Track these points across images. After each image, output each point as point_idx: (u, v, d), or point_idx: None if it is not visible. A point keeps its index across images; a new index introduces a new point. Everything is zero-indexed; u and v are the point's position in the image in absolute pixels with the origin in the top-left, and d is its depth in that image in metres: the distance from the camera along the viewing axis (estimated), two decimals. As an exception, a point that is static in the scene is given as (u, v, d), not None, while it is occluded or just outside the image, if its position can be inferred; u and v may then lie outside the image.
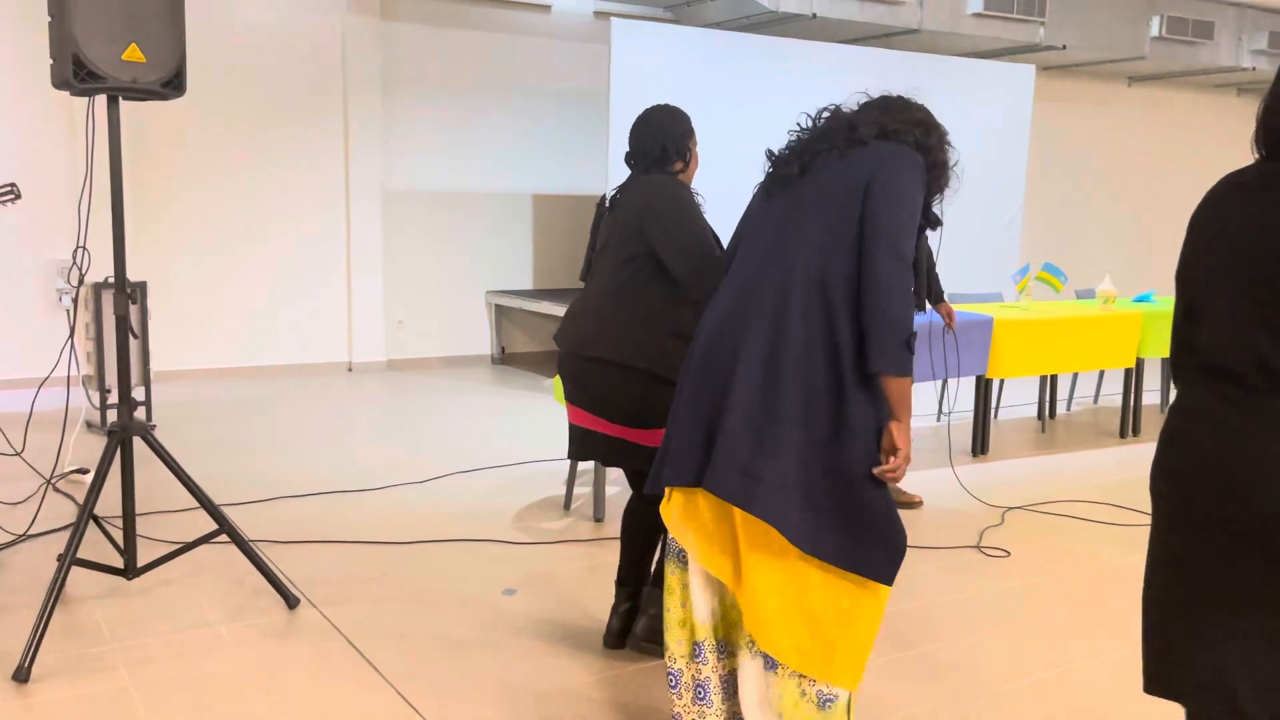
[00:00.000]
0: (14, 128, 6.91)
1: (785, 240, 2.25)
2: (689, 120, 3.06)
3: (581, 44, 8.89)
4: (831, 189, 2.22)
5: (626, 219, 2.93)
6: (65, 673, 2.91)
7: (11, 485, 4.77)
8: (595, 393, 2.93)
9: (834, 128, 2.32)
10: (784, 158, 2.36)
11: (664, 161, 3.00)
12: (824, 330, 2.15)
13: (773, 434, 2.15)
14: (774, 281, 2.22)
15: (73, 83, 2.92)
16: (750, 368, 2.18)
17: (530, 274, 8.99)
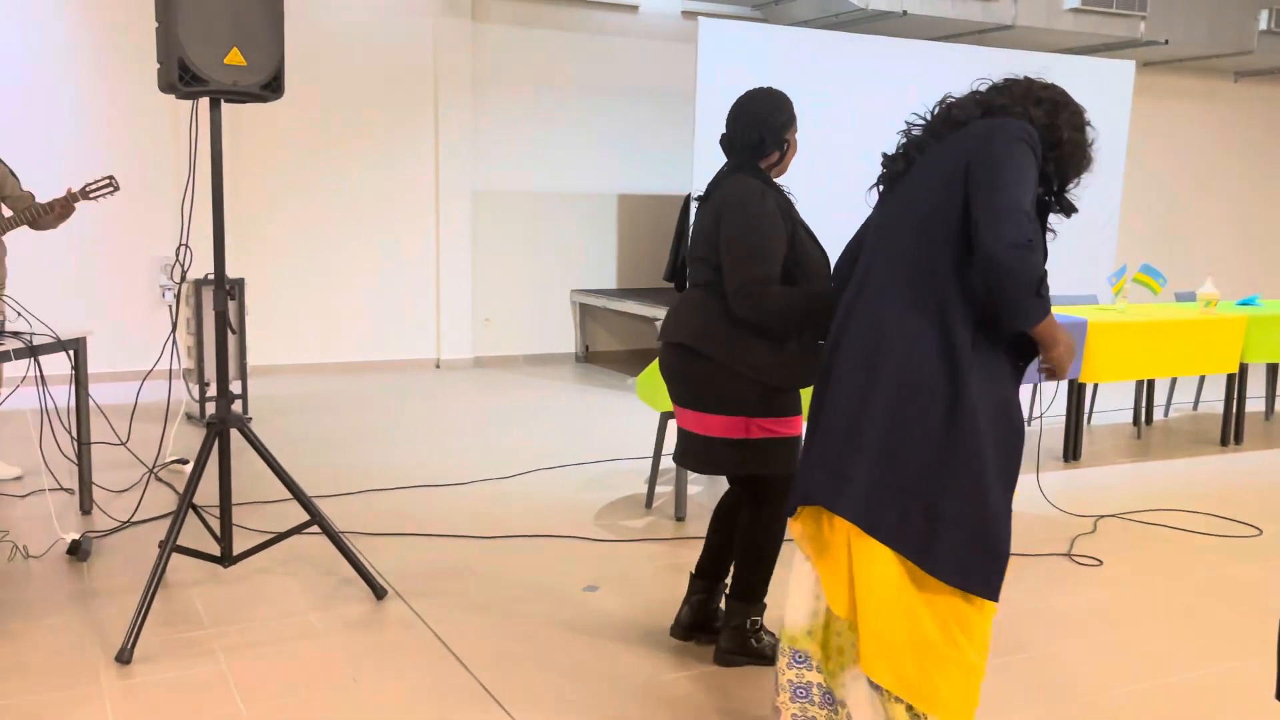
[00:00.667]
0: (122, 130, 7.19)
1: (889, 238, 2.19)
2: (790, 106, 2.93)
3: (669, 44, 8.90)
4: (929, 177, 2.15)
5: (707, 221, 2.90)
6: (165, 656, 3.02)
7: (116, 473, 4.97)
8: (682, 380, 2.91)
9: (937, 116, 2.26)
10: (893, 156, 2.31)
11: (759, 152, 2.91)
12: (936, 324, 2.07)
13: (867, 433, 2.08)
14: (878, 280, 2.16)
15: (178, 86, 3.03)
16: (850, 370, 2.13)
17: (614, 273, 9.03)
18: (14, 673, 2.88)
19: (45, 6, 6.91)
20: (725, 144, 2.98)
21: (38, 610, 3.32)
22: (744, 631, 3.02)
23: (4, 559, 3.77)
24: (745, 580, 2.99)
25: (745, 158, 2.93)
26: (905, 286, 2.12)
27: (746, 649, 3.03)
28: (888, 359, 2.09)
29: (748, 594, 3.00)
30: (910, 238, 2.14)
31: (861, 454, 2.09)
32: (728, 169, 2.96)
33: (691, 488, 4.94)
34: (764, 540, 2.96)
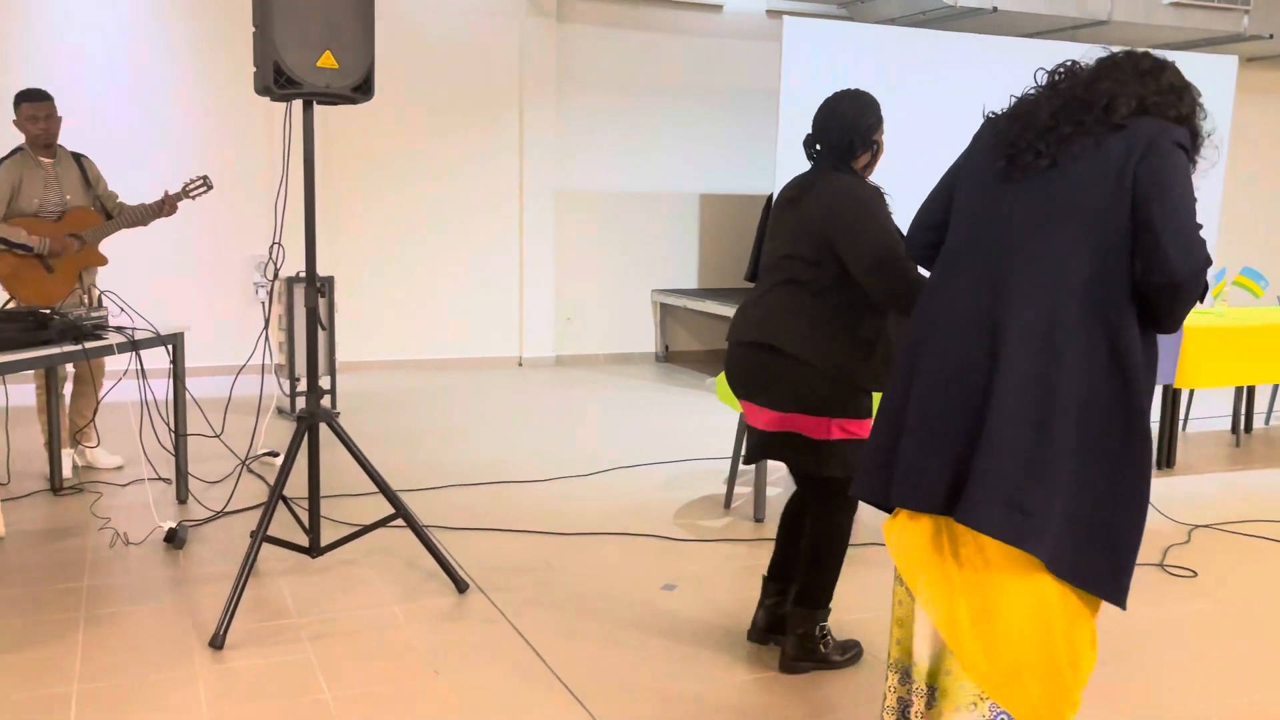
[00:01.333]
0: (219, 132, 7.41)
1: (1043, 245, 2.00)
2: (878, 108, 2.91)
3: (753, 43, 8.87)
4: (1092, 185, 1.97)
5: (810, 221, 2.85)
6: (255, 642, 3.11)
7: (211, 465, 5.13)
8: (763, 380, 2.89)
9: (1084, 103, 2.02)
10: (1029, 144, 2.04)
11: (849, 155, 2.89)
12: (1106, 345, 1.96)
13: (1047, 462, 1.96)
14: (1034, 293, 1.98)
15: (273, 89, 3.12)
16: (1016, 393, 1.97)
17: (695, 273, 9.02)
18: (115, 654, 3.00)
19: (147, 14, 7.16)
20: (810, 146, 2.96)
21: (136, 595, 3.45)
22: (810, 639, 2.99)
23: (106, 545, 3.92)
24: (811, 587, 2.97)
25: (835, 161, 2.90)
26: (1077, 308, 1.97)
27: (813, 655, 3.00)
28: (1062, 383, 1.96)
29: (813, 600, 2.97)
30: (1071, 245, 1.98)
31: (1041, 486, 1.96)
32: (819, 169, 2.93)
33: (771, 489, 4.91)
34: (830, 545, 2.94)
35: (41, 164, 4.67)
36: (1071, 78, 2.08)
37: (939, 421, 2.06)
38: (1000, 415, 1.97)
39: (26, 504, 4.41)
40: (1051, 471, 1.95)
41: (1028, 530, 1.94)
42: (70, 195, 4.71)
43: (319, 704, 2.74)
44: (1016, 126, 2.08)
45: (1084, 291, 1.96)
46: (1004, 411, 1.97)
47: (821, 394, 2.81)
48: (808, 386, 2.82)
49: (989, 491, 1.95)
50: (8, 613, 3.27)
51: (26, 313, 3.78)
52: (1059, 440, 1.95)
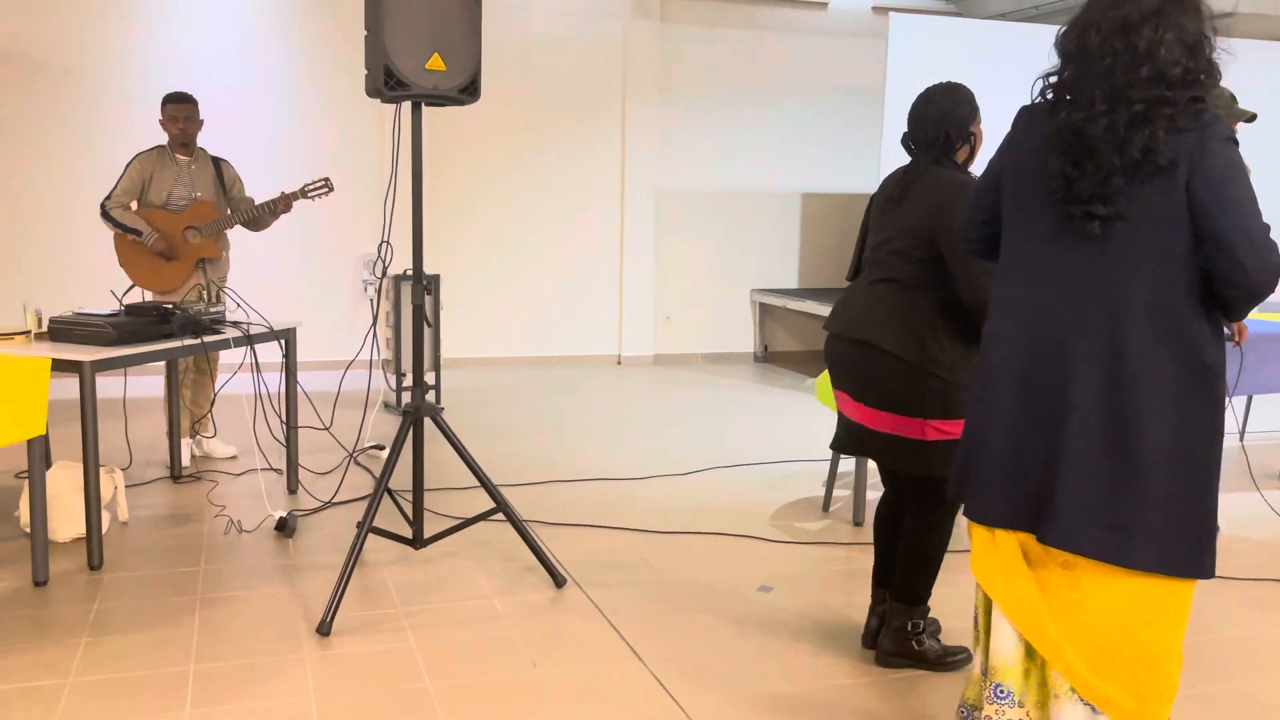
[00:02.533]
0: (331, 133, 7.64)
1: (1107, 254, 1.98)
2: (973, 98, 2.88)
3: (858, 40, 8.75)
4: (1147, 211, 1.95)
5: (915, 217, 2.82)
6: (360, 630, 3.20)
7: (320, 457, 5.29)
8: (860, 376, 2.88)
9: (1120, 147, 1.95)
10: (1083, 208, 1.99)
11: (947, 149, 2.86)
12: (1179, 354, 1.95)
13: (1134, 480, 1.96)
14: (1102, 306, 1.97)
15: (383, 91, 3.20)
16: (1091, 410, 1.98)
17: (795, 273, 8.95)
18: (227, 636, 3.12)
19: (263, 20, 7.41)
20: (907, 143, 2.93)
21: (248, 580, 3.58)
22: (905, 634, 2.99)
23: (221, 532, 4.08)
24: (909, 583, 2.96)
25: (934, 155, 2.87)
26: (1144, 318, 1.96)
27: (908, 651, 2.99)
28: (1138, 397, 1.96)
29: (911, 596, 2.97)
30: (1140, 259, 1.95)
31: (1135, 504, 1.98)
32: (919, 165, 2.90)
33: (871, 493, 4.85)
34: (929, 544, 2.92)
35: (177, 161, 4.89)
36: (1090, 111, 1.97)
37: (1013, 441, 2.09)
38: (1079, 443, 1.99)
39: (148, 490, 4.61)
40: (1137, 491, 1.96)
41: (1123, 545, 1.97)
42: (201, 194, 4.93)
43: (419, 692, 2.81)
44: (1065, 171, 2.00)
45: (1149, 306, 1.95)
46: (1083, 440, 1.99)
47: (917, 393, 2.78)
48: (903, 385, 2.80)
49: (1079, 514, 1.99)
50: (131, 594, 3.43)
51: (151, 307, 3.95)
52: (1145, 461, 1.96)
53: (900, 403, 2.82)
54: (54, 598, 3.38)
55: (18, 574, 3.57)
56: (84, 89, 7.10)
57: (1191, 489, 1.98)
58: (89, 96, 7.11)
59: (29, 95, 7.00)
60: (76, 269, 7.21)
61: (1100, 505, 1.98)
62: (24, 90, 6.99)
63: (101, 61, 7.10)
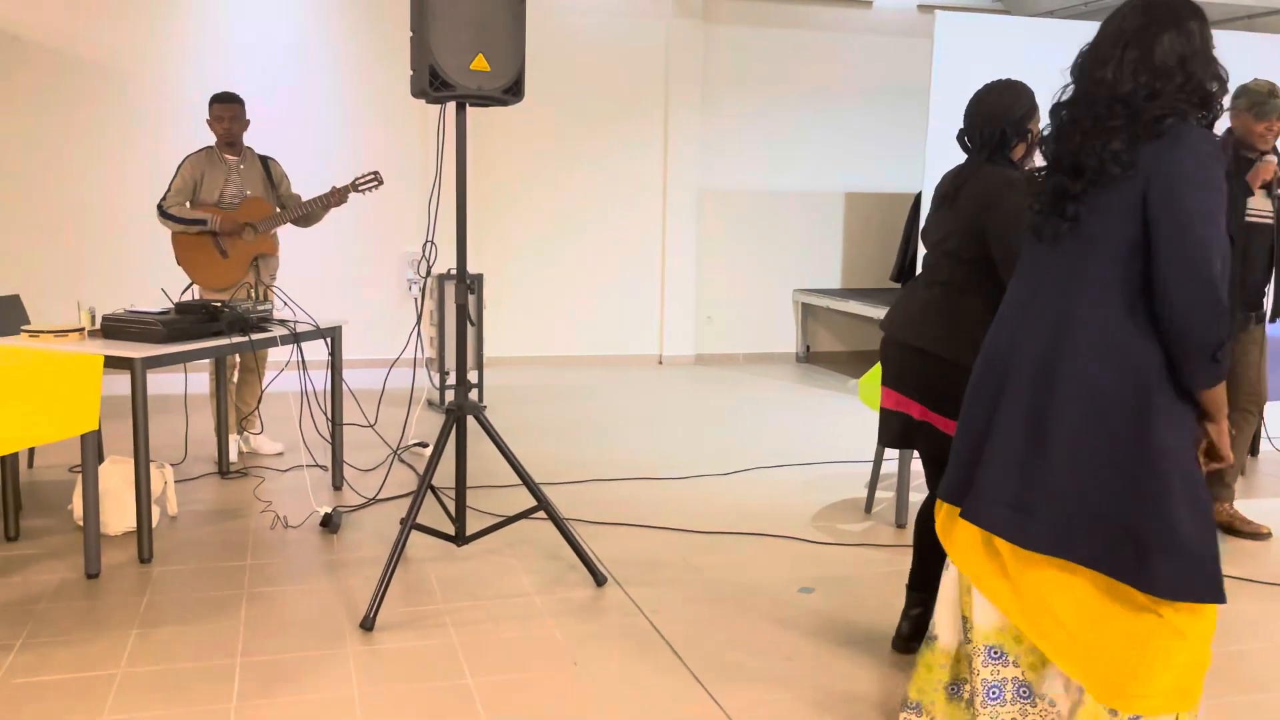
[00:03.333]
0: (376, 133, 7.71)
1: (1068, 254, 2.11)
2: (1031, 96, 2.84)
3: (903, 39, 8.69)
4: (1111, 197, 2.04)
5: (964, 217, 2.80)
6: (403, 625, 3.23)
7: (365, 453, 5.34)
8: (910, 381, 2.88)
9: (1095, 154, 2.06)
10: (1053, 209, 2.15)
11: (1003, 147, 2.83)
12: (1119, 366, 2.01)
13: (1047, 466, 2.08)
14: (1056, 305, 2.11)
15: (428, 91, 3.23)
16: (1017, 398, 2.14)
17: (839, 273, 8.91)
18: (273, 631, 3.17)
19: (310, 23, 7.50)
20: (962, 140, 2.90)
21: (294, 575, 3.62)
22: (922, 622, 3.00)
23: (267, 527, 4.14)
24: (925, 572, 2.96)
25: (989, 153, 2.84)
26: (1090, 319, 2.08)
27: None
28: (1062, 395, 2.12)
29: (925, 583, 2.97)
30: (1095, 264, 2.08)
31: (1044, 490, 2.13)
32: (974, 163, 2.87)
33: (914, 495, 4.81)
34: None
35: (226, 160, 4.98)
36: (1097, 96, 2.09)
37: (965, 424, 2.30)
38: (1004, 427, 2.16)
39: (197, 485, 4.69)
40: (1050, 477, 2.08)
41: (1027, 528, 2.10)
42: (250, 191, 5.00)
43: (461, 688, 2.83)
44: (1048, 182, 2.17)
45: (1094, 306, 2.04)
46: (1007, 424, 2.15)
47: (956, 392, 2.78)
48: (953, 390, 2.78)
49: (991, 492, 2.15)
50: (180, 586, 3.49)
51: (200, 305, 4.01)
52: (1062, 450, 2.07)
53: (951, 407, 2.80)
54: (105, 590, 3.44)
55: (71, 566, 3.65)
56: (135, 91, 7.23)
57: (1116, 492, 2.03)
58: (140, 98, 7.24)
59: (84, 98, 7.15)
60: (129, 267, 7.34)
61: (1013, 487, 2.11)
62: (79, 93, 7.14)
63: (152, 64, 7.23)
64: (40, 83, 7.06)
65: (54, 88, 7.08)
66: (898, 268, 8.22)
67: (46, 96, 7.08)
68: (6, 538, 3.90)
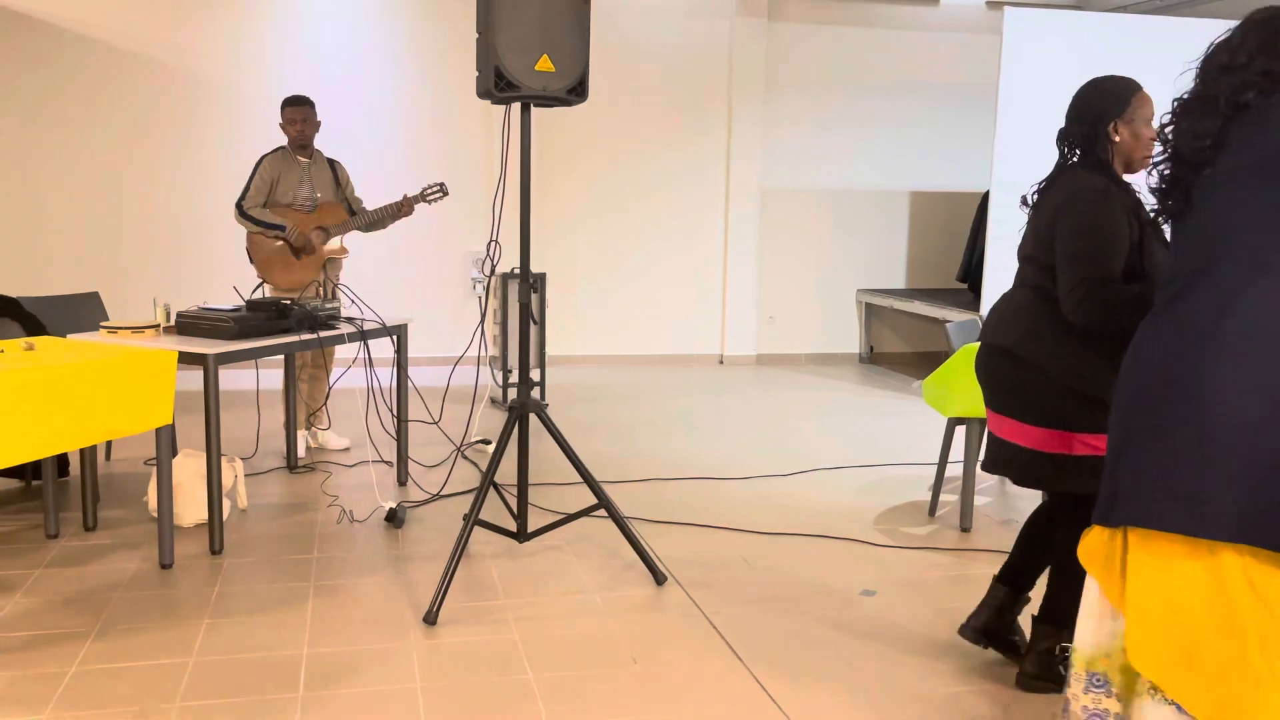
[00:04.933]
0: (442, 134, 7.81)
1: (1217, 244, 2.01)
2: (1121, 92, 2.71)
3: (971, 36, 8.57)
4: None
5: (1042, 222, 2.74)
6: (465, 620, 3.27)
7: (429, 450, 5.41)
8: (999, 386, 2.81)
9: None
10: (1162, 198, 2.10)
11: (1093, 149, 2.73)
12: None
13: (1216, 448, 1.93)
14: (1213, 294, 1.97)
15: (493, 92, 3.26)
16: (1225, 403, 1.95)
17: (903, 273, 8.81)
18: (338, 623, 3.22)
19: (378, 26, 7.62)
20: (1059, 141, 2.83)
21: (359, 569, 3.69)
22: (1052, 657, 2.86)
23: (333, 521, 4.21)
24: (1057, 603, 2.83)
25: (1082, 155, 2.76)
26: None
27: (1053, 675, 2.86)
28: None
29: (1059, 618, 2.84)
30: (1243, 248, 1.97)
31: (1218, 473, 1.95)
32: (1062, 165, 2.80)
33: (979, 499, 4.74)
34: (1079, 562, 2.80)
35: (299, 162, 5.08)
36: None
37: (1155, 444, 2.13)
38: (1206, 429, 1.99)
39: (266, 479, 4.79)
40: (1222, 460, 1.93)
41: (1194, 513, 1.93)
42: (321, 193, 5.10)
43: (522, 684, 2.86)
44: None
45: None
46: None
47: (1061, 407, 2.68)
48: (1046, 398, 2.70)
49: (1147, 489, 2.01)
50: (250, 578, 3.57)
51: (270, 303, 4.10)
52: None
53: (1041, 415, 2.72)
54: (178, 580, 3.53)
55: (145, 556, 3.75)
56: (209, 94, 7.40)
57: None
58: (214, 101, 7.42)
59: (161, 101, 7.34)
60: (203, 265, 7.52)
61: (1184, 477, 1.95)
62: (157, 96, 7.33)
63: (227, 67, 7.40)
64: (121, 86, 7.26)
65: (134, 91, 7.28)
66: (964, 268, 8.11)
67: (126, 100, 7.28)
68: (85, 528, 4.02)
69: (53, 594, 3.38)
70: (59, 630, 3.11)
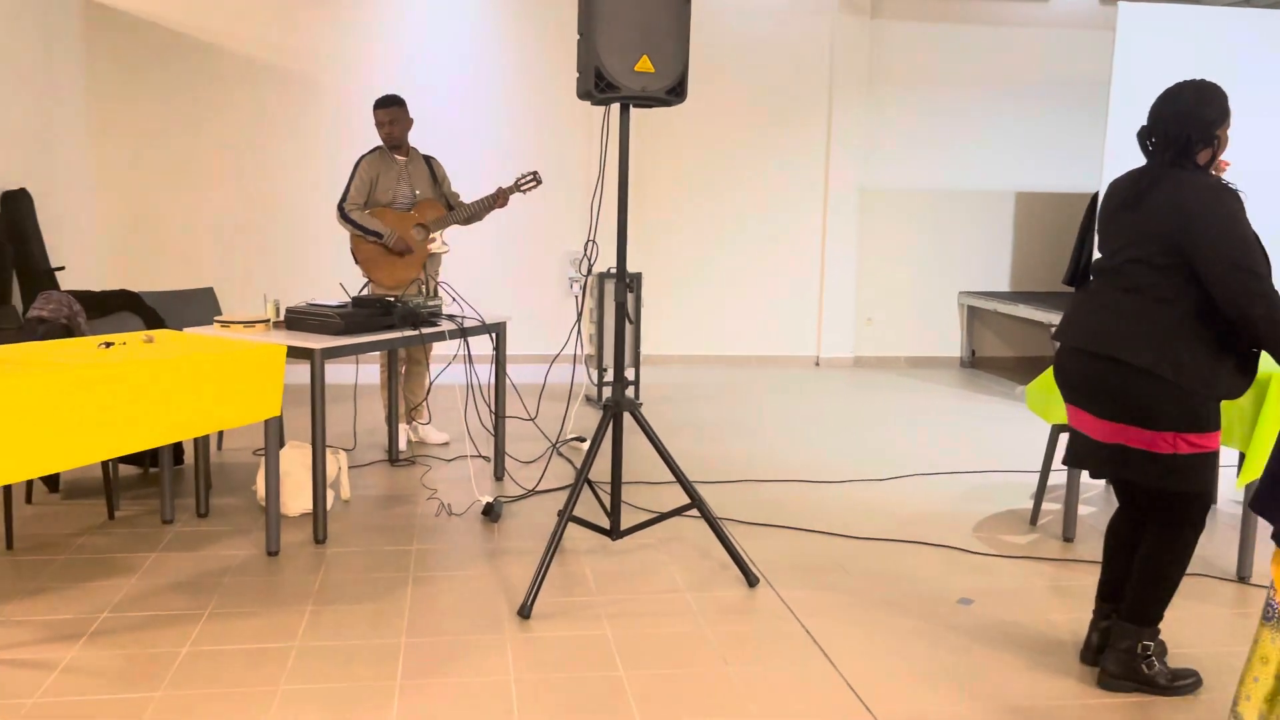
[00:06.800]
0: (541, 135, 7.90)
1: None
2: (1224, 101, 2.70)
3: (1080, 32, 8.32)
4: None
5: (1157, 223, 2.67)
6: (558, 615, 3.30)
7: (526, 446, 5.49)
8: (1102, 392, 2.75)
9: None
10: None
11: (1187, 151, 2.69)
12: None
13: None
14: None
15: (593, 93, 3.29)
16: None
17: (1007, 275, 8.60)
18: (435, 614, 3.29)
19: (481, 26, 7.74)
20: (1144, 140, 2.76)
21: (457, 562, 3.75)
22: (1133, 655, 2.85)
23: (432, 514, 4.30)
24: (1141, 601, 2.82)
25: (1173, 156, 2.70)
26: None
27: (1135, 674, 2.85)
28: None
29: (1142, 616, 2.83)
30: None
31: None
32: (1158, 166, 2.73)
33: (1083, 508, 4.61)
34: (1169, 563, 2.77)
35: (395, 161, 5.19)
36: None
37: None
38: None
39: (368, 472, 4.91)
40: None
41: None
42: (419, 191, 5.21)
43: (613, 680, 2.87)
44: None
45: None
46: None
47: (1168, 408, 2.65)
48: (1154, 400, 2.66)
49: None
50: (351, 567, 3.67)
51: (375, 300, 4.20)
52: None
53: (1148, 417, 2.68)
54: (283, 567, 3.65)
55: (253, 543, 3.89)
56: (315, 95, 7.62)
57: None
58: (320, 103, 7.63)
59: (270, 103, 7.58)
60: (311, 263, 7.75)
61: None
62: (265, 98, 7.58)
63: (332, 69, 7.61)
64: (237, 90, 7.53)
65: (248, 95, 7.54)
66: (1071, 271, 7.88)
67: (241, 103, 7.55)
68: (198, 514, 4.19)
69: (167, 576, 3.53)
70: (172, 611, 3.24)
